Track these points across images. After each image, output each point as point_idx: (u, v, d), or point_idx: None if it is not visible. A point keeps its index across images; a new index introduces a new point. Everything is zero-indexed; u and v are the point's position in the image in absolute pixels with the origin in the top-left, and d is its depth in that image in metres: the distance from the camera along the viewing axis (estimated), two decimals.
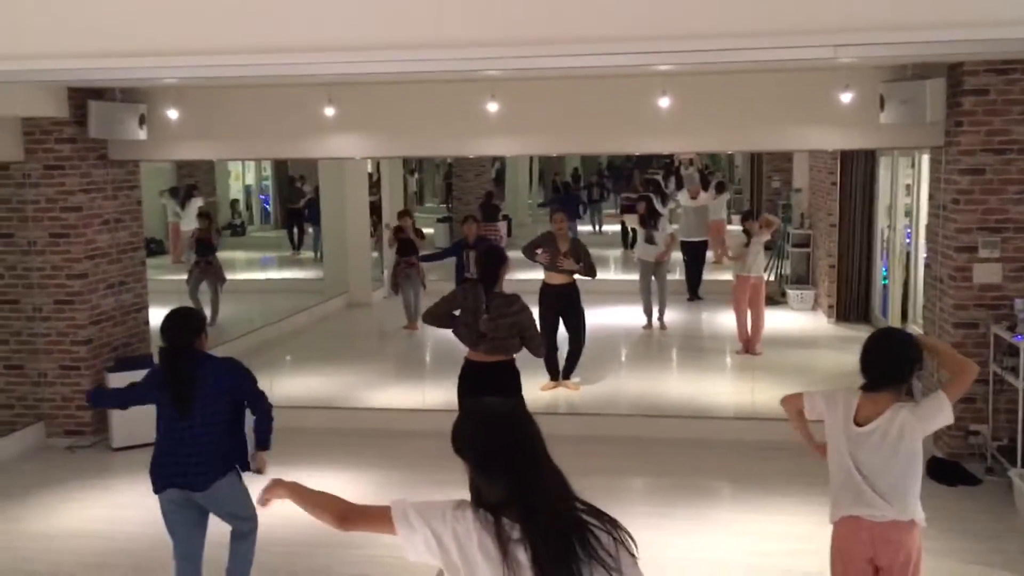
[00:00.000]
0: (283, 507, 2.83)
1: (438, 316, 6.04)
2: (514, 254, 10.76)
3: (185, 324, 4.59)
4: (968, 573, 5.31)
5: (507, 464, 2.28)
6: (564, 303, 8.87)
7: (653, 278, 11.64)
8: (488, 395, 5.95)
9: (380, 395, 9.12)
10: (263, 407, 4.68)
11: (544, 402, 8.49)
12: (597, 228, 21.41)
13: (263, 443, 4.70)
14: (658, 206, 12.67)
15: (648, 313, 11.71)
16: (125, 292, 8.29)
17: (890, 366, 3.73)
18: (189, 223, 14.47)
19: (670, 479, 6.86)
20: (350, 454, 7.49)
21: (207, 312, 11.32)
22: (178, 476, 4.49)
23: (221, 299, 12.01)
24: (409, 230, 11.81)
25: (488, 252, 6.20)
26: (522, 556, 2.24)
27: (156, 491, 4.59)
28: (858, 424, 3.74)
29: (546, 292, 8.88)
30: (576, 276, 8.94)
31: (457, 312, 5.98)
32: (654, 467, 7.14)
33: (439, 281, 12.83)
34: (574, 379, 9.06)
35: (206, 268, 11.94)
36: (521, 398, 5.87)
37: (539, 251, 8.76)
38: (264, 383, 4.71)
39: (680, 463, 7.17)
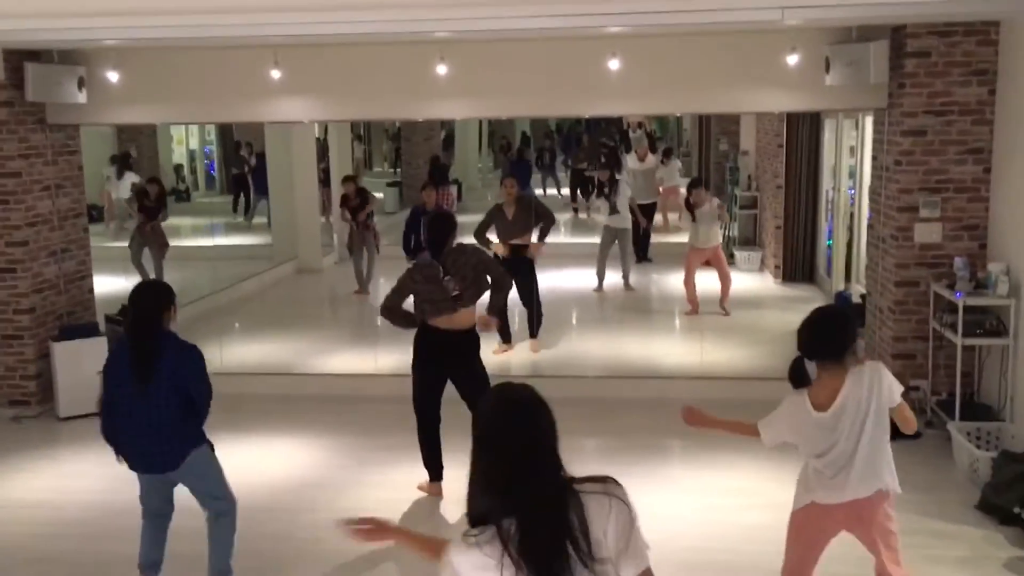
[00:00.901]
0: (248, 476, 2.77)
1: (395, 313, 5.89)
2: (466, 218, 10.79)
3: (153, 297, 4.53)
4: (908, 522, 5.47)
5: (547, 454, 2.30)
6: (520, 268, 8.90)
7: (616, 242, 11.73)
8: (449, 362, 5.96)
9: (332, 361, 9.09)
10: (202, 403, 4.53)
11: (497, 365, 8.53)
12: (546, 192, 21.36)
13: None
14: (617, 175, 12.73)
15: (601, 277, 11.80)
16: (68, 260, 8.13)
17: (825, 339, 3.71)
18: (124, 192, 14.20)
19: (622, 439, 6.96)
20: (302, 420, 7.46)
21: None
22: (151, 459, 4.46)
23: (166, 266, 11.82)
24: (352, 195, 11.70)
25: (436, 219, 6.07)
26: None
27: (132, 469, 4.55)
28: (822, 410, 3.70)
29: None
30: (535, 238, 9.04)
31: (411, 300, 5.86)
32: (607, 427, 7.24)
33: (391, 245, 12.79)
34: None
35: (147, 233, 11.72)
36: (479, 360, 5.90)
37: (492, 242, 8.87)
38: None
39: (631, 423, 7.28)
